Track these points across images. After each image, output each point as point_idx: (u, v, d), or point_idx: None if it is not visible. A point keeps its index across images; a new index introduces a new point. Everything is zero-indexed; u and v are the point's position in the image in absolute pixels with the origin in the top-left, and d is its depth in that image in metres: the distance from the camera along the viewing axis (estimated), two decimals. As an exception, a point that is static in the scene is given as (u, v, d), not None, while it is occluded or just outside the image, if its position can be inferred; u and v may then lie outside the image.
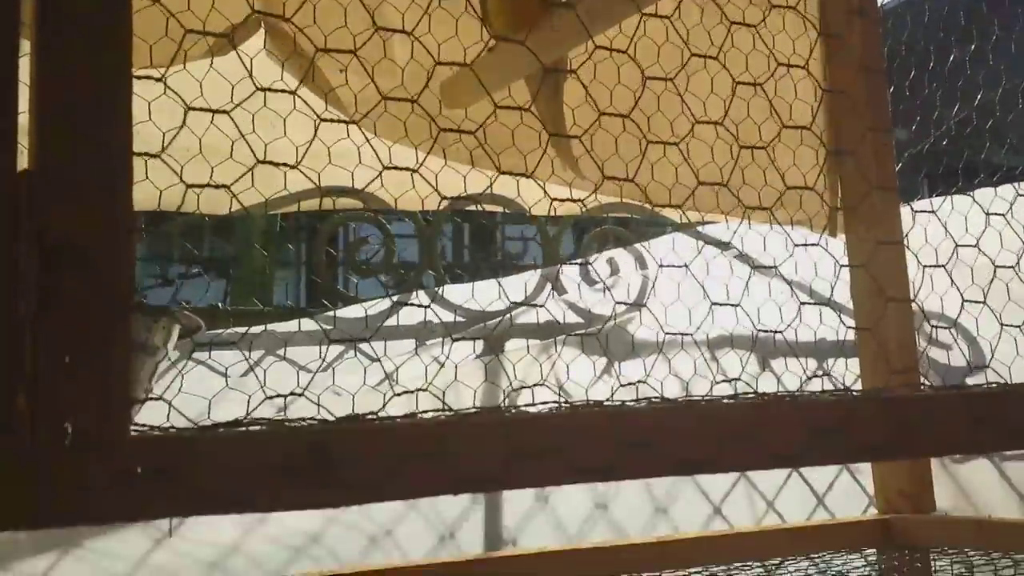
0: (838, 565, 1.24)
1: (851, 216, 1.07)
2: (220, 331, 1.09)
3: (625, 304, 1.25)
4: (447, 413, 0.56)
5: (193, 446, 0.49)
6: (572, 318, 1.36)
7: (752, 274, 1.37)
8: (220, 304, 1.10)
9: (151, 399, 0.53)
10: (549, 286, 1.34)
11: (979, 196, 1.19)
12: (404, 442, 0.54)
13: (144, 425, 0.51)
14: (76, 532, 1.08)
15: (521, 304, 1.29)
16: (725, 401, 0.62)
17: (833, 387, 0.65)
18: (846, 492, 1.46)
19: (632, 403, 0.60)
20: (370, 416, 0.54)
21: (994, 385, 0.70)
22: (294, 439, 0.51)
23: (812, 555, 1.27)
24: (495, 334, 1.30)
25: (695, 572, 1.20)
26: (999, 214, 0.81)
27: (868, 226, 1.01)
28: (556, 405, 0.59)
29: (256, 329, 1.14)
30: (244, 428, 0.51)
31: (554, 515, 1.33)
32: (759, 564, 1.24)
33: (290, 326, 1.24)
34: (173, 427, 0.50)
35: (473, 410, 0.57)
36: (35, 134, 0.49)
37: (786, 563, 1.24)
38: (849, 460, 0.64)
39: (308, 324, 1.23)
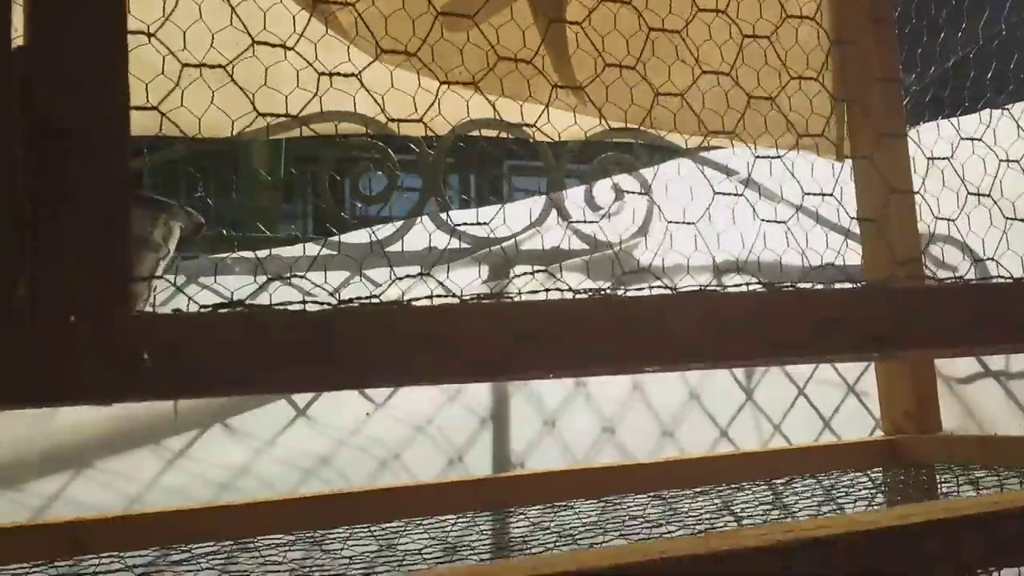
0: (844, 483, 1.25)
1: (854, 109, 1.06)
2: (225, 255, 1.09)
3: (638, 194, 1.24)
4: (450, 299, 0.56)
5: (195, 327, 0.49)
6: (577, 244, 1.36)
7: (745, 192, 1.37)
8: (225, 231, 1.10)
9: (157, 279, 0.53)
10: (554, 212, 1.33)
11: (984, 115, 1.18)
12: (407, 326, 0.54)
13: (147, 310, 0.51)
14: (87, 453, 1.09)
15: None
16: (729, 291, 0.62)
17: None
18: (852, 416, 1.46)
19: (635, 292, 0.60)
20: (373, 300, 0.54)
21: (1000, 280, 0.70)
22: (297, 321, 0.51)
23: (818, 475, 1.28)
24: (500, 260, 1.30)
25: (701, 491, 1.21)
26: (1006, 109, 0.80)
27: (871, 118, 0.99)
28: (559, 293, 0.59)
29: (261, 253, 1.14)
30: (246, 310, 0.51)
31: (561, 439, 1.34)
32: (765, 483, 1.25)
33: (295, 250, 1.24)
34: (178, 309, 0.50)
35: (476, 296, 0.57)
36: (29, 10, 0.48)
37: (792, 482, 1.25)
38: (852, 351, 0.64)
39: (314, 249, 1.23)
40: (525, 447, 1.32)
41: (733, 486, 1.24)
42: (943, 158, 0.76)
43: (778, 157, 0.79)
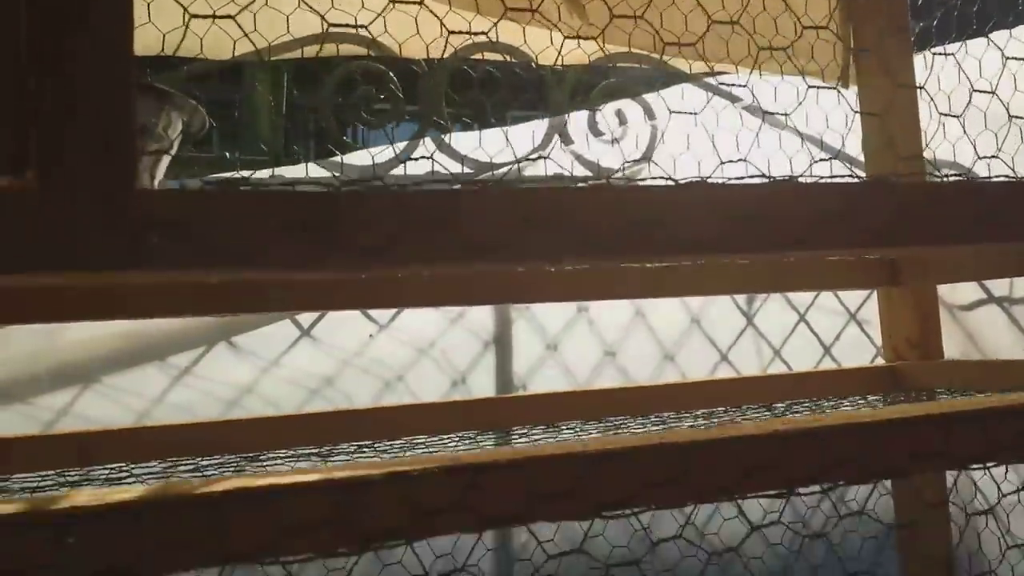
0: (844, 407, 1.26)
1: (859, 5, 1.05)
2: (228, 174, 1.09)
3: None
4: (456, 182, 0.56)
5: (199, 201, 0.50)
6: (580, 171, 1.35)
7: (762, 124, 1.36)
8: (228, 153, 1.10)
9: (162, 151, 0.53)
10: (557, 137, 1.33)
11: (994, 38, 1.17)
12: (413, 208, 0.54)
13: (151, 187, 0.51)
14: (95, 368, 1.11)
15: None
16: (730, 183, 0.62)
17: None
18: (853, 343, 1.47)
19: (641, 181, 0.61)
20: (378, 182, 0.54)
21: (1002, 178, 0.70)
22: (303, 199, 0.52)
23: (818, 399, 1.29)
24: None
25: (702, 414, 1.22)
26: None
27: (875, 16, 0.99)
28: (566, 180, 0.59)
29: (263, 174, 1.14)
30: (252, 187, 0.51)
31: (563, 363, 1.35)
32: (765, 407, 1.26)
33: (297, 170, 1.24)
34: (181, 183, 0.50)
35: (479, 180, 0.58)
36: None
37: (792, 407, 1.26)
38: (853, 246, 0.64)
39: (316, 170, 1.23)
40: (527, 370, 1.33)
41: (733, 409, 1.25)
42: (948, 53, 0.75)
43: (782, 47, 0.78)
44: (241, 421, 1.05)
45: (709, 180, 0.62)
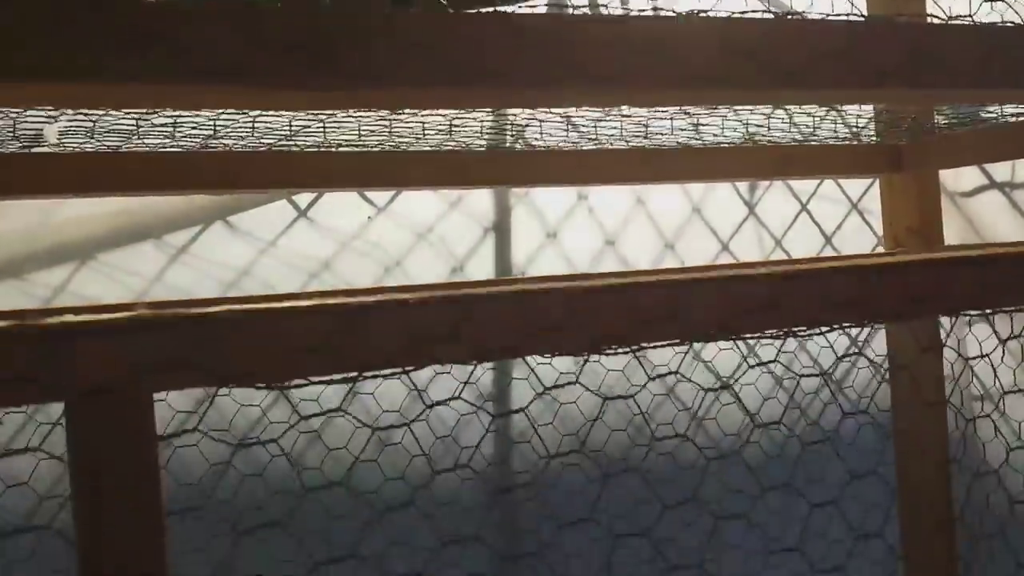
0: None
1: None
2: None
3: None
4: (450, 10, 0.55)
5: (188, 14, 0.49)
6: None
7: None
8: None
9: None
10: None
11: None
12: (406, 32, 0.53)
13: None
14: (91, 246, 1.10)
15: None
16: (733, 17, 0.61)
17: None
18: (855, 232, 1.47)
19: (638, 14, 0.59)
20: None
21: (1007, 23, 0.68)
22: (296, 18, 0.50)
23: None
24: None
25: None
26: None
27: None
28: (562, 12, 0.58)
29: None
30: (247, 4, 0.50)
31: (562, 250, 1.34)
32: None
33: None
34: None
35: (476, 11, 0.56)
36: None
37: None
38: (857, 86, 0.63)
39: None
40: (526, 258, 1.32)
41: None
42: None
43: None
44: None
45: (712, 13, 0.60)
